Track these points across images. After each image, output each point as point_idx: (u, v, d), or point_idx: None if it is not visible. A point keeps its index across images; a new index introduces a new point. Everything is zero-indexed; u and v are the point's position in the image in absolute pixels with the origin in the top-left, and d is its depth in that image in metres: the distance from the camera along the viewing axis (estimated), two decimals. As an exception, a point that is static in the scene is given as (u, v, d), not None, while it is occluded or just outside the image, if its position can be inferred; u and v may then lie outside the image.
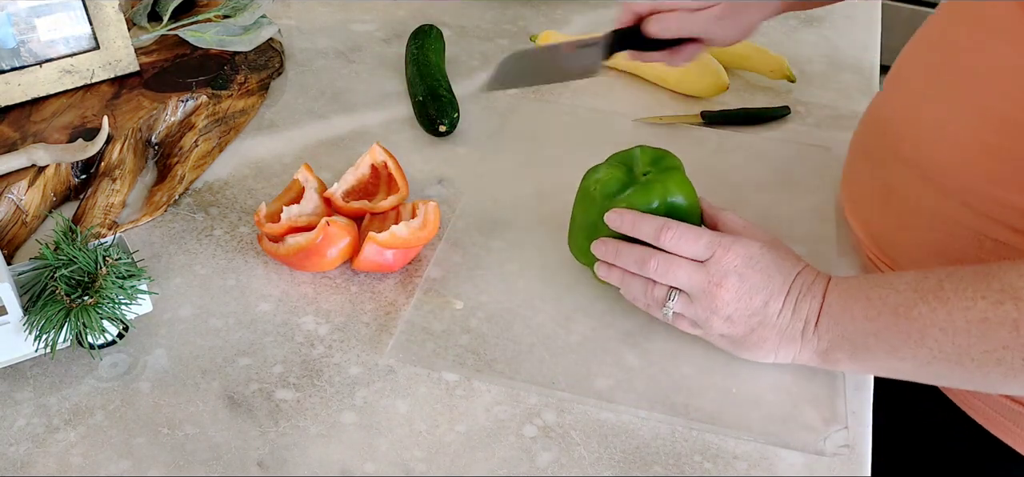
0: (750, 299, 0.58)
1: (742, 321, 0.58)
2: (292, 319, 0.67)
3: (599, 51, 0.76)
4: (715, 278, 0.58)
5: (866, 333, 0.55)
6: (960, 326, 0.51)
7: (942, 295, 0.52)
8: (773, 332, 0.58)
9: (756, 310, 0.58)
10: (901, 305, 0.53)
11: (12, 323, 0.59)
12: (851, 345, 0.56)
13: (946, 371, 0.53)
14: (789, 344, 0.58)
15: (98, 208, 0.75)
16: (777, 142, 0.87)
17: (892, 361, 0.55)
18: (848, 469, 0.56)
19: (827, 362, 0.58)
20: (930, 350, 0.52)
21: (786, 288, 0.58)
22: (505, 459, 0.57)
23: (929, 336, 0.52)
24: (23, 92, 0.84)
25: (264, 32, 0.95)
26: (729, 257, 0.58)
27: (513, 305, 0.67)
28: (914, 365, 0.54)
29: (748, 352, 0.60)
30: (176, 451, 0.57)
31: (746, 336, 0.59)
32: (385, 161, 0.76)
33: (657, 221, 0.61)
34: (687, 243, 0.60)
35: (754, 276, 0.58)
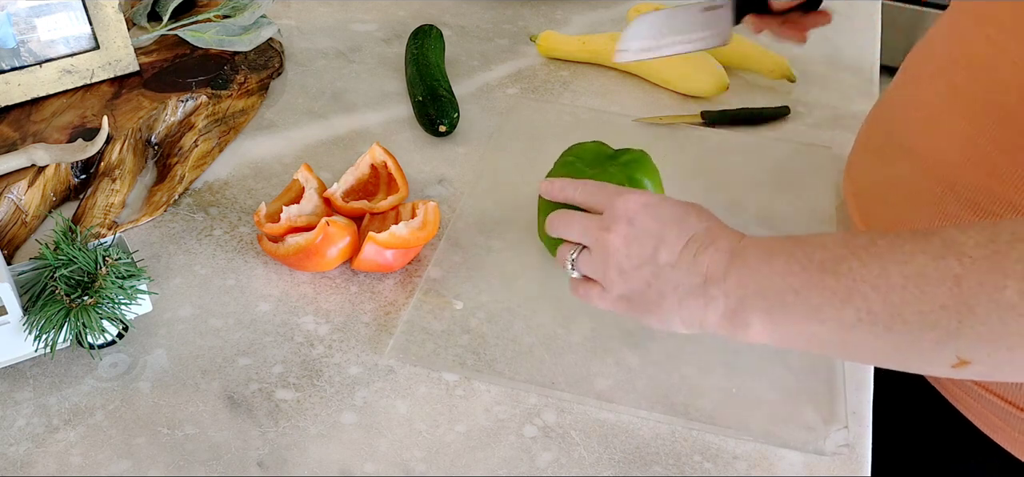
0: (640, 246, 0.54)
1: (634, 272, 0.54)
2: (292, 319, 0.67)
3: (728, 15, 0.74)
4: (606, 223, 0.56)
5: (784, 289, 0.50)
6: (895, 282, 0.46)
7: (875, 251, 0.47)
8: (669, 286, 0.53)
9: (646, 258, 0.54)
10: (829, 260, 0.49)
11: (12, 323, 0.59)
12: (766, 302, 0.51)
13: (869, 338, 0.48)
14: (692, 301, 0.53)
15: (98, 208, 0.75)
16: (777, 142, 0.87)
17: (811, 324, 0.49)
18: (848, 469, 0.56)
19: (735, 325, 0.52)
20: (857, 311, 0.47)
21: (684, 238, 0.54)
22: (505, 459, 0.57)
23: (857, 293, 0.47)
24: (23, 92, 0.84)
25: (264, 32, 0.95)
26: (623, 202, 0.56)
27: (513, 305, 0.67)
28: (836, 328, 0.49)
29: (650, 314, 0.55)
30: (176, 451, 0.57)
31: (643, 292, 0.55)
32: (385, 161, 0.76)
33: (565, 182, 0.61)
34: (591, 193, 0.59)
35: (647, 222, 0.55)
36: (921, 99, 0.63)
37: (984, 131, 0.57)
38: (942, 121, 0.60)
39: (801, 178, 0.81)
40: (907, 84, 0.66)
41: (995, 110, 0.56)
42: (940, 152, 0.60)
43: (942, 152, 0.60)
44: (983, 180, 0.57)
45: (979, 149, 0.57)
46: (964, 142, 0.58)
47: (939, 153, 0.60)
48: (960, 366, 0.47)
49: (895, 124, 0.66)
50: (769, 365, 0.62)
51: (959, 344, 0.46)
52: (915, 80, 0.65)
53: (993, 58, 0.57)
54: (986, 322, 0.44)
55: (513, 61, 1.02)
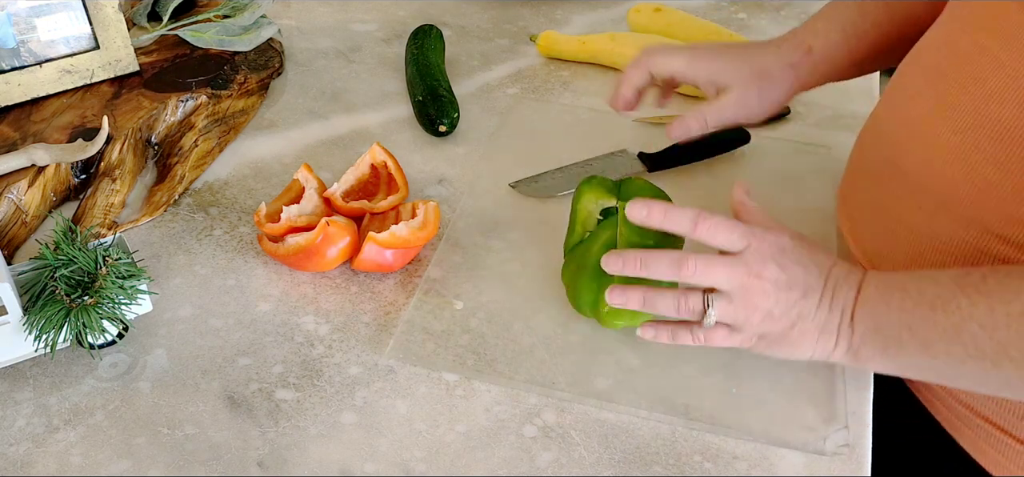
0: (789, 291, 0.54)
1: (782, 315, 0.55)
2: (292, 319, 0.67)
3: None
4: (755, 269, 0.54)
5: (899, 325, 0.52)
6: (1000, 321, 0.48)
7: (984, 288, 0.49)
8: (812, 325, 0.55)
9: (795, 302, 0.54)
10: (939, 298, 0.50)
11: (12, 323, 0.59)
12: (883, 339, 0.53)
13: (981, 372, 0.50)
14: (826, 339, 0.55)
15: (98, 208, 0.75)
16: (777, 142, 0.87)
17: (924, 358, 0.52)
18: (848, 469, 0.56)
19: (859, 359, 0.55)
20: (965, 347, 0.49)
21: (823, 279, 0.55)
22: (505, 459, 0.57)
23: (966, 331, 0.49)
24: (23, 92, 0.84)
25: (264, 32, 0.95)
26: (765, 246, 0.55)
27: (513, 305, 0.67)
28: (947, 363, 0.51)
29: (788, 349, 0.57)
30: (176, 451, 0.57)
31: (786, 332, 0.55)
32: (385, 161, 0.76)
33: (690, 212, 0.56)
34: (723, 233, 0.56)
35: (791, 267, 0.55)
36: (910, 115, 0.61)
37: (977, 146, 0.55)
38: (932, 137, 0.58)
39: (801, 178, 0.81)
40: (896, 100, 0.64)
41: (987, 124, 0.54)
42: (931, 169, 0.59)
43: (933, 169, 0.58)
44: (976, 196, 0.56)
45: (971, 165, 0.56)
46: (955, 158, 0.57)
47: (930, 171, 0.59)
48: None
49: (884, 142, 0.64)
50: (769, 365, 0.62)
51: None
52: (904, 96, 0.63)
53: (984, 68, 0.55)
54: None
55: (513, 61, 1.02)
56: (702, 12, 1.12)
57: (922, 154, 0.59)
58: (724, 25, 1.09)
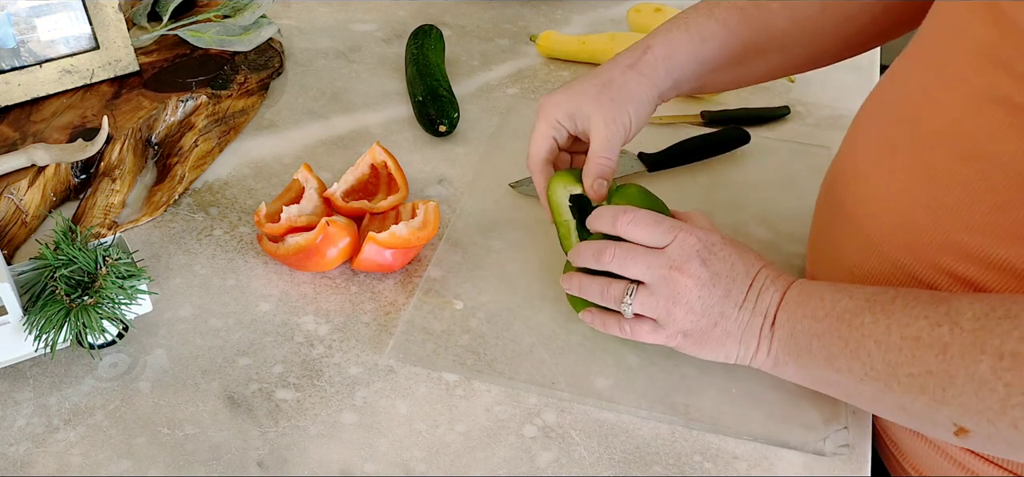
0: (712, 287, 0.55)
1: (703, 313, 0.55)
2: (292, 319, 0.67)
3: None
4: (676, 261, 0.55)
5: (810, 334, 0.52)
6: (894, 342, 0.48)
7: (890, 308, 0.49)
8: (735, 326, 0.55)
9: (717, 300, 0.55)
10: (848, 311, 0.51)
11: (12, 323, 0.59)
12: (796, 347, 0.53)
13: (876, 393, 0.50)
14: (749, 341, 0.55)
15: (98, 208, 0.75)
16: (777, 142, 0.87)
17: (829, 372, 0.52)
18: (848, 469, 0.56)
19: (776, 365, 0.55)
20: (863, 365, 0.50)
21: (748, 281, 0.55)
22: (505, 459, 0.57)
23: (863, 349, 0.49)
24: (23, 92, 0.84)
25: (264, 32, 0.95)
26: (691, 240, 0.56)
27: (513, 305, 0.67)
28: (849, 380, 0.51)
29: (709, 350, 0.57)
30: (176, 451, 0.57)
31: (708, 330, 0.56)
32: (385, 161, 0.76)
33: (613, 209, 0.59)
34: (645, 228, 0.57)
35: (716, 263, 0.55)
36: (857, 154, 0.60)
37: (909, 189, 0.54)
38: (872, 177, 0.57)
39: (801, 178, 0.81)
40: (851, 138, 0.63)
41: (922, 167, 0.53)
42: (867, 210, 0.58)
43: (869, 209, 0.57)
44: (906, 239, 0.54)
45: (903, 208, 0.54)
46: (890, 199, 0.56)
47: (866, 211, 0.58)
48: (961, 434, 0.48)
49: (837, 180, 0.63)
50: (769, 365, 0.62)
51: (950, 411, 0.47)
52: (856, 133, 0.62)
53: (924, 110, 0.54)
54: (963, 393, 0.46)
55: (513, 61, 1.02)
56: (702, 12, 1.12)
57: (861, 193, 0.58)
58: (724, 25, 1.09)
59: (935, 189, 0.52)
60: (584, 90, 0.66)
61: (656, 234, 0.57)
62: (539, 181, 0.67)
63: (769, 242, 0.74)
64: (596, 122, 0.64)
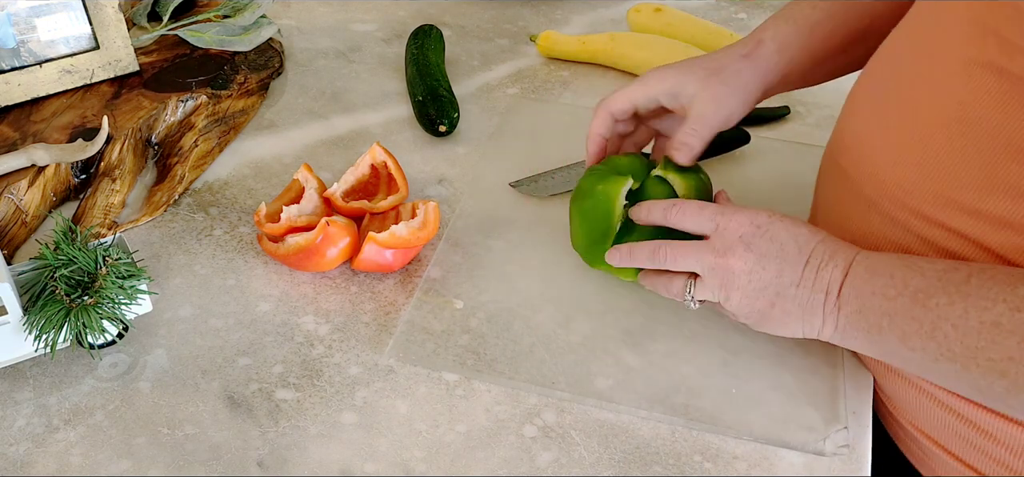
0: (762, 270, 0.55)
1: (757, 293, 0.56)
2: (292, 319, 0.67)
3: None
4: (720, 249, 0.56)
5: (880, 312, 0.52)
6: (973, 326, 0.48)
7: (965, 290, 0.49)
8: (794, 304, 0.55)
9: (769, 281, 0.55)
10: (921, 290, 0.50)
11: (12, 323, 0.59)
12: (866, 323, 0.53)
13: (952, 373, 0.50)
14: (812, 317, 0.55)
15: (98, 208, 0.75)
16: (777, 142, 0.87)
17: (903, 349, 0.52)
18: (848, 469, 0.56)
19: (846, 340, 0.55)
20: (939, 346, 0.49)
21: (804, 257, 0.55)
22: (505, 459, 0.57)
23: (940, 330, 0.49)
24: (23, 92, 0.84)
25: (264, 32, 0.95)
26: (733, 225, 0.56)
27: (513, 305, 0.67)
28: (923, 358, 0.51)
29: (774, 328, 0.58)
30: (176, 451, 0.57)
31: (767, 311, 0.56)
32: (385, 161, 0.76)
33: (663, 203, 0.60)
34: (690, 217, 0.59)
35: (763, 244, 0.56)
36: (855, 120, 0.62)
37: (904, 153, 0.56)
38: (868, 141, 0.60)
39: (801, 178, 0.81)
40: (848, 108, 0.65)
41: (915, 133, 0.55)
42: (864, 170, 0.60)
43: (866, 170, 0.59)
44: (902, 197, 0.56)
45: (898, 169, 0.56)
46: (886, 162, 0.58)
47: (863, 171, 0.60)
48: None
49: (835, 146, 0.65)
50: (769, 366, 0.62)
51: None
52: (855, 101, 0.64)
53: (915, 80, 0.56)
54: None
55: (513, 61, 1.02)
56: (702, 12, 1.12)
57: (858, 156, 0.60)
58: (724, 25, 1.09)
59: (926, 151, 0.54)
60: (693, 71, 0.67)
61: (700, 222, 0.58)
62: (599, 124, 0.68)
63: (769, 242, 0.74)
64: (701, 99, 0.66)
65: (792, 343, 0.63)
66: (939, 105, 0.54)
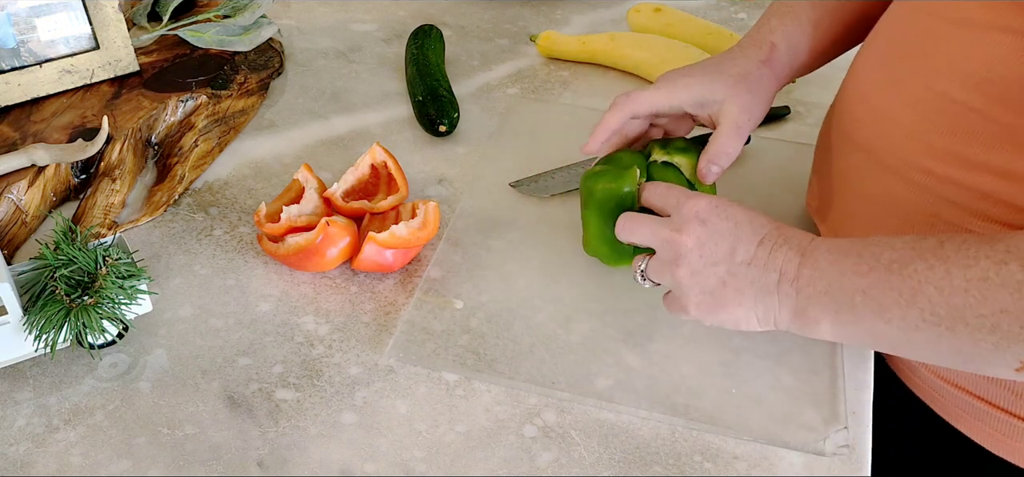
0: (714, 246, 0.55)
1: (706, 269, 0.55)
2: (292, 319, 0.67)
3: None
4: (676, 224, 0.57)
5: (853, 289, 0.51)
6: (958, 285, 0.48)
7: (942, 253, 0.49)
8: (746, 283, 0.54)
9: (722, 257, 0.55)
10: (896, 261, 0.50)
11: (12, 323, 0.59)
12: (834, 303, 0.52)
13: (933, 338, 0.50)
14: (766, 299, 0.54)
15: (98, 208, 0.75)
16: (777, 142, 0.87)
17: (877, 323, 0.51)
18: (848, 469, 0.56)
19: (805, 322, 0.54)
20: (921, 311, 0.49)
21: (758, 237, 0.55)
22: (505, 459, 0.57)
23: (922, 295, 0.49)
24: (23, 92, 0.84)
25: (264, 32, 0.95)
26: (693, 204, 0.56)
27: (513, 305, 0.67)
28: (901, 328, 0.50)
29: (725, 311, 0.56)
30: (176, 451, 0.57)
31: (717, 291, 0.55)
32: (385, 161, 0.76)
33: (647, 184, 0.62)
34: (658, 196, 0.60)
35: (719, 223, 0.55)
36: (865, 91, 0.63)
37: (924, 117, 0.57)
38: (884, 110, 0.60)
39: (801, 178, 0.81)
40: (854, 78, 0.66)
41: (932, 96, 0.56)
42: (883, 140, 0.61)
43: (884, 140, 0.60)
44: (925, 163, 0.57)
45: (919, 135, 0.57)
46: (905, 129, 0.58)
47: (882, 141, 0.61)
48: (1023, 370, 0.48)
49: (843, 118, 0.66)
50: (769, 366, 0.62)
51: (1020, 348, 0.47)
52: (860, 74, 0.65)
53: (929, 46, 0.57)
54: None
55: (513, 61, 1.02)
56: (702, 12, 1.12)
57: (876, 127, 0.61)
58: (724, 25, 1.09)
59: (948, 115, 0.55)
60: (719, 77, 0.67)
61: (666, 201, 0.59)
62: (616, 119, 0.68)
63: (769, 242, 0.74)
64: (730, 109, 0.66)
65: (792, 343, 0.63)
66: (958, 69, 0.55)
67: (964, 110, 0.55)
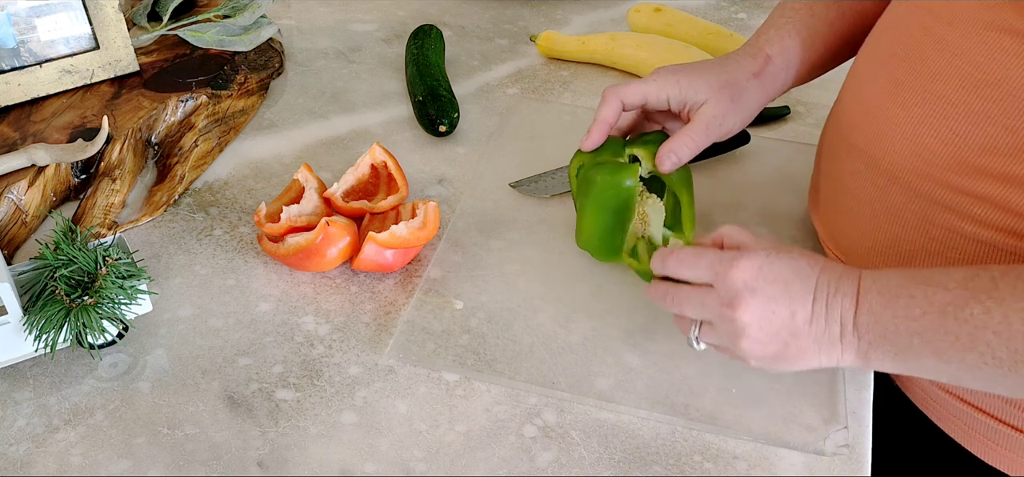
0: (772, 315, 0.53)
1: (770, 339, 0.54)
2: (292, 319, 0.67)
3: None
4: (726, 299, 0.54)
5: (910, 333, 0.51)
6: (1017, 330, 0.47)
7: (997, 295, 0.48)
8: (809, 341, 0.53)
9: (783, 324, 0.53)
10: (950, 304, 0.49)
11: (12, 323, 0.59)
12: (893, 346, 0.52)
13: (997, 377, 0.49)
14: (830, 349, 0.54)
15: (98, 208, 0.75)
16: (777, 142, 0.87)
17: (938, 363, 0.51)
18: (848, 469, 0.56)
19: (869, 364, 0.54)
20: (981, 355, 0.49)
21: (810, 292, 0.53)
22: (505, 459, 0.57)
23: (981, 339, 0.48)
24: (23, 92, 0.84)
25: (264, 32, 0.95)
26: (735, 274, 0.54)
27: (513, 305, 0.67)
28: (961, 369, 0.50)
29: (790, 366, 0.55)
30: (176, 451, 0.57)
31: (782, 352, 0.54)
32: (385, 161, 0.76)
33: (660, 254, 0.59)
34: (688, 267, 0.57)
35: (770, 288, 0.53)
36: (864, 96, 0.63)
37: (922, 121, 0.57)
38: (883, 114, 0.60)
39: (801, 178, 0.81)
40: (853, 83, 0.66)
41: (932, 100, 0.56)
42: (882, 145, 0.60)
43: (883, 145, 0.60)
44: (922, 168, 0.57)
45: (917, 139, 0.57)
46: (903, 133, 0.58)
47: (881, 146, 0.60)
48: None
49: (842, 123, 0.66)
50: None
51: None
52: (859, 78, 0.65)
53: (928, 49, 0.57)
54: None
55: (513, 61, 1.02)
56: (702, 12, 1.12)
57: (874, 131, 0.61)
58: (724, 25, 1.09)
59: (947, 118, 0.55)
60: (706, 77, 0.67)
61: (698, 272, 0.56)
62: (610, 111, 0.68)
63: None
64: (705, 110, 0.66)
65: (792, 343, 0.63)
66: (957, 71, 0.55)
67: (963, 112, 0.54)
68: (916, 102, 0.57)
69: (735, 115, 0.67)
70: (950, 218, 0.57)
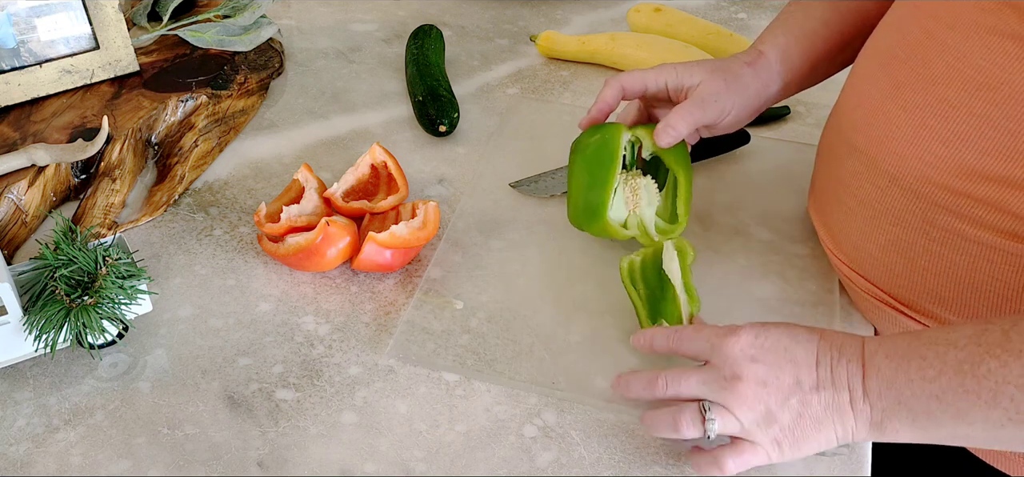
0: (778, 382, 0.52)
1: (781, 408, 0.52)
2: (292, 319, 0.67)
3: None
4: (728, 371, 0.53)
5: (926, 396, 0.49)
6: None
7: (1011, 348, 0.47)
8: (821, 410, 0.51)
9: (790, 391, 0.52)
10: (965, 361, 0.48)
11: (12, 323, 0.59)
12: (910, 412, 0.50)
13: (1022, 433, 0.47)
14: (842, 419, 0.52)
15: (98, 208, 0.75)
16: (777, 142, 0.87)
17: (961, 426, 0.49)
18: (848, 469, 0.56)
19: (884, 433, 0.51)
20: (1005, 411, 0.47)
21: (812, 359, 0.52)
22: (505, 459, 0.57)
23: (1003, 395, 0.46)
24: (23, 92, 0.84)
25: (264, 32, 0.95)
26: (733, 343, 0.53)
27: (513, 305, 0.67)
28: (986, 427, 0.48)
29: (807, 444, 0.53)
30: (176, 451, 0.57)
31: (796, 425, 0.52)
32: (385, 161, 0.76)
33: (646, 334, 0.58)
34: (687, 341, 0.56)
35: (770, 356, 0.52)
36: (865, 97, 0.63)
37: (924, 123, 0.57)
38: (884, 116, 0.61)
39: (801, 178, 0.81)
40: (854, 84, 0.66)
41: (934, 103, 0.56)
42: (883, 147, 0.60)
43: (884, 146, 0.60)
44: (924, 170, 0.57)
45: (919, 141, 0.57)
46: (905, 135, 0.59)
47: (882, 148, 0.61)
48: None
49: (843, 124, 0.66)
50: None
51: None
52: (860, 79, 0.65)
53: (931, 52, 0.57)
54: None
55: (513, 61, 1.02)
56: (702, 12, 1.12)
57: (875, 132, 0.61)
58: (724, 25, 1.09)
59: (948, 121, 0.56)
60: (701, 64, 0.70)
61: (698, 344, 0.55)
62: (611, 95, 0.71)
63: (769, 242, 0.74)
64: (701, 89, 0.68)
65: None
66: (958, 74, 0.55)
67: (964, 115, 0.55)
68: (917, 104, 0.58)
69: (730, 96, 0.69)
70: (951, 220, 0.57)
